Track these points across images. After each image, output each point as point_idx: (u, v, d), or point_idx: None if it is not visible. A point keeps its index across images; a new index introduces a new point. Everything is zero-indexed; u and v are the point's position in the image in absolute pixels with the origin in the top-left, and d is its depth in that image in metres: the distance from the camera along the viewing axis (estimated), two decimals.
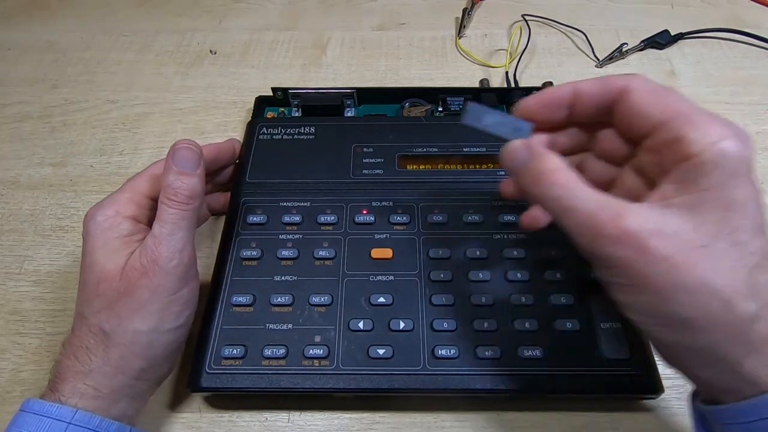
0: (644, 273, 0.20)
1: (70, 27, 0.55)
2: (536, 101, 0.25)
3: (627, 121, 0.23)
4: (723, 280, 0.20)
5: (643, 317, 0.22)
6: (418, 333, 0.30)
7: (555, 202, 0.22)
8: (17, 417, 0.25)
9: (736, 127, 0.20)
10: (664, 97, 0.22)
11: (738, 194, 0.20)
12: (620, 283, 0.22)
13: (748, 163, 0.20)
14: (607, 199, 0.21)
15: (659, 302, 0.21)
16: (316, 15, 0.56)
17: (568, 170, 0.22)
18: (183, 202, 0.27)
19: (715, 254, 0.20)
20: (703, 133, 0.20)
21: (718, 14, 0.53)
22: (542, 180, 0.22)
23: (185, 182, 0.28)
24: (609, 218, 0.20)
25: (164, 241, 0.26)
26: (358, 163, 0.37)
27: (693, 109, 0.21)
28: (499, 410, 0.31)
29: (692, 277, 0.20)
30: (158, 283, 0.26)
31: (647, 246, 0.20)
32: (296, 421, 0.31)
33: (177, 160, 0.28)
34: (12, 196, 0.41)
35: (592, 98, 0.24)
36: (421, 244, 0.33)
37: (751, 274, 0.20)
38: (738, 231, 0.20)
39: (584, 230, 0.21)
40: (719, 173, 0.20)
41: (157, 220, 0.27)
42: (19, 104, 0.48)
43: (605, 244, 0.21)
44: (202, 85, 0.49)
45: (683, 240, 0.20)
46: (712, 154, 0.20)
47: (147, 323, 0.26)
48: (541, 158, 0.23)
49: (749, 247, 0.20)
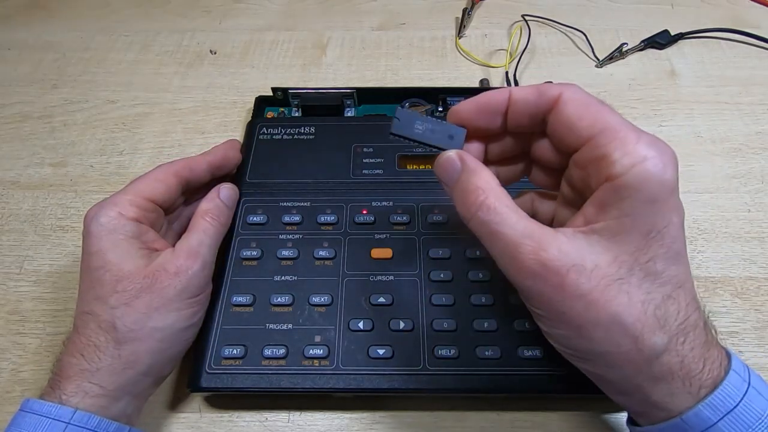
0: (561, 309, 0.21)
1: (70, 27, 0.55)
2: (471, 106, 0.24)
3: (558, 133, 0.23)
4: (634, 316, 0.20)
5: (562, 347, 0.23)
6: (418, 333, 0.30)
7: (482, 226, 0.22)
8: (17, 417, 0.25)
9: (661, 146, 0.20)
10: (595, 111, 0.21)
11: (657, 221, 0.20)
12: (539, 314, 0.22)
13: (670, 186, 0.20)
14: (532, 227, 0.21)
15: (576, 336, 0.21)
16: (316, 15, 0.56)
17: (498, 191, 0.22)
18: (221, 223, 0.32)
19: (629, 288, 0.20)
20: (626, 153, 0.20)
21: (718, 14, 0.53)
22: (471, 199, 0.22)
23: (224, 210, 0.32)
24: (530, 250, 0.20)
25: (202, 251, 0.29)
26: (358, 163, 0.37)
27: (621, 125, 0.20)
28: (499, 410, 0.31)
29: (606, 313, 0.20)
30: (186, 285, 0.28)
31: (565, 283, 0.20)
32: (296, 421, 0.31)
33: (224, 196, 0.33)
34: (12, 196, 0.41)
35: (527, 106, 0.23)
36: (421, 244, 0.33)
37: (662, 306, 0.20)
38: (653, 260, 0.20)
39: (507, 259, 0.21)
40: (639, 198, 0.20)
41: (194, 232, 0.30)
42: (19, 104, 0.48)
43: (525, 277, 0.21)
44: (202, 85, 0.49)
45: (601, 275, 0.20)
46: (633, 178, 0.19)
47: (164, 320, 0.27)
48: (472, 174, 0.22)
49: (662, 277, 0.20)
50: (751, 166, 0.41)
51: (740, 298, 0.34)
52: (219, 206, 0.32)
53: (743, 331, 0.33)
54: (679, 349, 0.20)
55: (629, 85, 0.47)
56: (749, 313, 0.34)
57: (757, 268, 0.36)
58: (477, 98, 0.24)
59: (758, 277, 0.35)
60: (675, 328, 0.20)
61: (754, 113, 0.45)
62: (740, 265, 0.36)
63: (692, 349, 0.21)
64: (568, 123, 0.22)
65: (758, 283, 0.35)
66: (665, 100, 0.46)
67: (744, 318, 0.34)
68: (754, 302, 0.34)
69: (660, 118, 0.44)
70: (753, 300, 0.34)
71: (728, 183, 0.40)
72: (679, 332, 0.20)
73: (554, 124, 0.22)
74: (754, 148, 0.42)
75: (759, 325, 0.33)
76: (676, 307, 0.21)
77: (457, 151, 0.23)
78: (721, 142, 0.43)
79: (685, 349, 0.21)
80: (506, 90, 0.24)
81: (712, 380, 0.21)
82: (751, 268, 0.36)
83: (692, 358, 0.21)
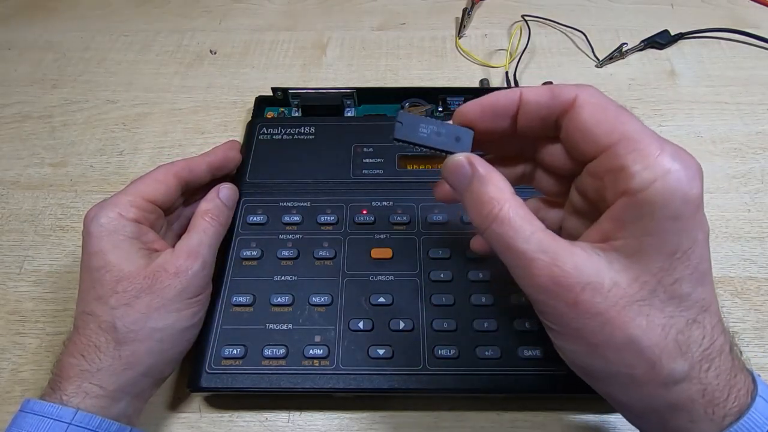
0: (575, 326, 0.20)
1: (70, 27, 0.55)
2: (477, 107, 0.23)
3: (572, 139, 0.21)
4: (652, 340, 0.19)
5: (575, 364, 0.22)
6: (418, 333, 0.30)
7: (496, 238, 0.21)
8: (17, 417, 0.25)
9: (685, 157, 0.19)
10: (614, 117, 0.20)
11: (683, 241, 0.19)
12: (552, 329, 0.22)
13: (696, 201, 0.19)
14: (548, 241, 0.20)
15: (589, 354, 0.20)
16: (316, 15, 0.56)
17: (513, 200, 0.21)
18: (221, 223, 0.32)
19: (650, 311, 0.19)
20: (647, 165, 0.18)
21: (718, 14, 0.53)
22: (485, 209, 0.21)
23: (224, 210, 0.32)
24: (544, 265, 0.19)
25: (202, 251, 0.29)
26: (358, 163, 0.37)
27: (642, 133, 0.19)
28: (499, 410, 0.31)
29: (623, 335, 0.19)
30: (186, 285, 0.28)
31: (579, 301, 0.19)
32: (296, 421, 0.31)
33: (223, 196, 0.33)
34: (12, 196, 0.41)
35: (538, 109, 0.22)
36: (421, 244, 0.33)
37: (685, 330, 0.19)
38: (679, 282, 0.19)
39: (521, 272, 0.20)
40: (662, 216, 0.18)
41: (194, 232, 0.30)
42: (19, 104, 0.48)
43: (539, 291, 0.20)
44: (202, 85, 0.49)
45: (620, 294, 0.19)
46: (655, 193, 0.18)
47: (164, 321, 0.27)
48: (485, 182, 0.21)
49: (688, 300, 0.19)
50: (751, 166, 0.41)
51: (740, 298, 0.34)
52: (219, 206, 0.32)
53: (743, 331, 0.33)
54: (702, 377, 0.19)
55: (629, 85, 0.47)
56: (749, 313, 0.34)
57: (757, 268, 0.36)
58: (484, 99, 0.23)
59: (758, 277, 0.35)
60: (699, 354, 0.19)
61: (754, 113, 0.45)
62: (740, 265, 0.36)
63: (717, 376, 0.19)
64: (584, 129, 0.20)
65: (758, 283, 0.35)
66: (665, 100, 0.46)
67: (744, 318, 0.34)
68: (754, 302, 0.34)
69: (660, 118, 0.44)
70: (753, 300, 0.34)
71: (728, 183, 0.40)
72: (703, 359, 0.19)
73: (569, 129, 0.21)
74: (754, 148, 0.42)
75: (759, 325, 0.33)
76: (701, 332, 0.19)
77: (466, 155, 0.22)
78: (721, 142, 0.43)
79: (710, 377, 0.19)
80: (517, 90, 0.22)
81: (738, 408, 0.19)
82: (751, 268, 0.36)
83: (716, 386, 0.19)
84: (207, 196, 0.33)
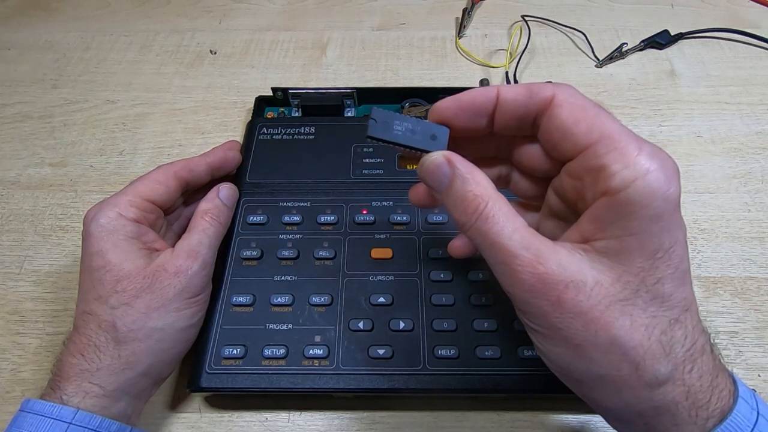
0: (558, 326, 0.20)
1: (70, 27, 0.55)
2: (454, 104, 0.22)
3: (551, 138, 0.21)
4: (636, 340, 0.19)
5: (558, 368, 0.22)
6: (418, 333, 0.30)
7: (479, 236, 0.20)
8: (17, 417, 0.25)
9: (663, 157, 0.19)
10: (592, 116, 0.20)
11: (664, 240, 0.19)
12: (535, 330, 0.21)
13: (675, 201, 0.19)
14: (530, 239, 0.20)
15: (573, 356, 0.20)
16: (316, 15, 0.56)
17: (496, 197, 0.20)
18: (221, 223, 0.32)
19: (633, 311, 0.19)
20: (626, 165, 0.18)
21: (718, 14, 0.53)
22: (470, 207, 0.20)
23: (223, 210, 0.32)
24: (528, 262, 0.19)
25: (202, 251, 0.29)
26: (358, 163, 0.37)
27: (620, 132, 0.19)
28: (499, 410, 0.31)
29: (607, 335, 0.19)
30: (186, 285, 0.28)
31: (562, 299, 0.19)
32: (296, 421, 0.31)
33: (223, 196, 0.33)
34: (12, 196, 0.41)
35: (516, 107, 0.21)
36: (421, 244, 0.33)
37: (668, 331, 0.19)
38: (661, 282, 0.19)
39: (504, 269, 0.20)
40: (643, 215, 0.18)
41: (194, 232, 0.30)
42: (19, 104, 0.48)
43: (522, 289, 0.20)
44: (202, 85, 0.49)
45: (603, 293, 0.19)
46: (635, 193, 0.18)
47: (164, 320, 0.27)
48: (467, 181, 0.21)
49: (670, 300, 0.19)
50: (751, 166, 0.41)
51: (740, 298, 0.34)
52: (218, 206, 0.32)
53: (743, 331, 0.33)
54: (685, 378, 0.19)
55: (629, 85, 0.47)
56: (749, 313, 0.34)
57: (757, 268, 0.36)
58: (460, 96, 0.22)
59: (758, 277, 0.35)
60: (682, 354, 0.19)
61: (754, 113, 0.45)
62: (740, 265, 0.36)
63: (700, 377, 0.19)
64: (563, 128, 0.20)
65: (758, 283, 0.35)
66: (665, 100, 0.46)
67: (744, 318, 0.34)
68: (754, 302, 0.34)
69: (660, 118, 0.44)
70: (753, 300, 0.34)
71: (728, 183, 0.40)
72: (686, 359, 0.19)
73: (547, 129, 0.21)
74: (754, 148, 0.42)
75: (759, 325, 0.33)
76: (683, 332, 0.19)
77: (444, 154, 0.21)
78: (721, 142, 0.43)
79: (693, 378, 0.19)
80: (494, 88, 0.22)
81: (720, 410, 0.19)
82: (751, 268, 0.36)
83: (699, 388, 0.19)
84: (207, 196, 0.33)
